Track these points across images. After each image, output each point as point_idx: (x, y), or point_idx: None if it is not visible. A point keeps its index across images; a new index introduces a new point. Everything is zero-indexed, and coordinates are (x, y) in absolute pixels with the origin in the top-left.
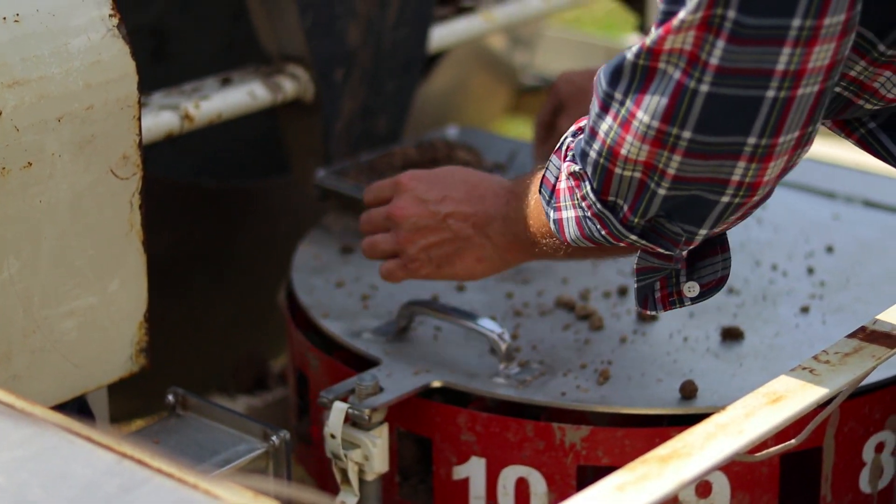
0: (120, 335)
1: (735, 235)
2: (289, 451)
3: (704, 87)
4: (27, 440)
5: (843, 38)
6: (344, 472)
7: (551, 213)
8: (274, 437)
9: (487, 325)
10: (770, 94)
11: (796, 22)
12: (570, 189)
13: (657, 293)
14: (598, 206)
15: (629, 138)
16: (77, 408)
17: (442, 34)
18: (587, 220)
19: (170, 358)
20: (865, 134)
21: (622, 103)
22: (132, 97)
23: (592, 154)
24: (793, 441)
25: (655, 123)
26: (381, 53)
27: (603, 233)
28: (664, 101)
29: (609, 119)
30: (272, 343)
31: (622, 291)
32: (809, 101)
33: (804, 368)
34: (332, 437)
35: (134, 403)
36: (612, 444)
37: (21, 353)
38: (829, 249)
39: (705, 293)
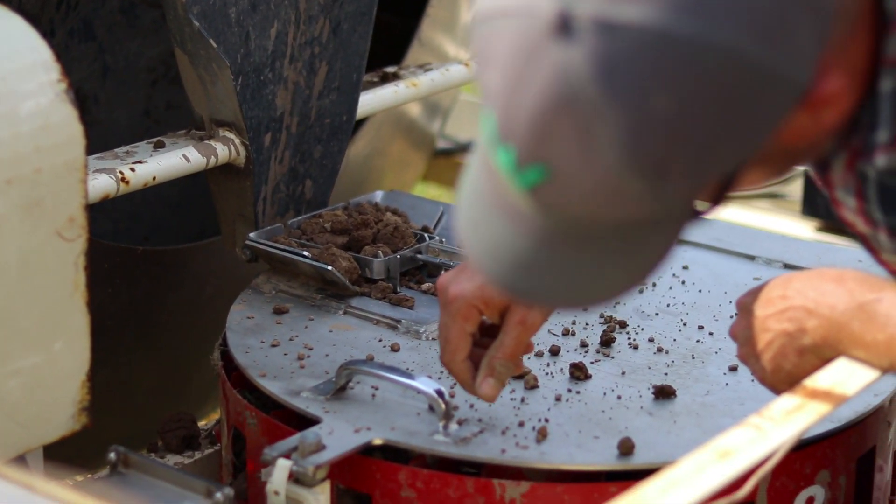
0: (63, 394)
1: (659, 298)
2: None
3: None
4: None
5: None
6: None
7: None
8: (218, 494)
9: (426, 384)
10: None
11: None
12: None
13: None
14: None
15: None
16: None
17: (368, 100)
18: None
19: (97, 418)
20: None
21: None
22: (79, 161)
23: None
24: (739, 493)
25: None
26: (309, 119)
27: None
28: None
29: None
30: (200, 403)
31: (554, 352)
32: None
33: (749, 425)
34: (276, 493)
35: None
36: (552, 500)
37: None
38: None
39: None
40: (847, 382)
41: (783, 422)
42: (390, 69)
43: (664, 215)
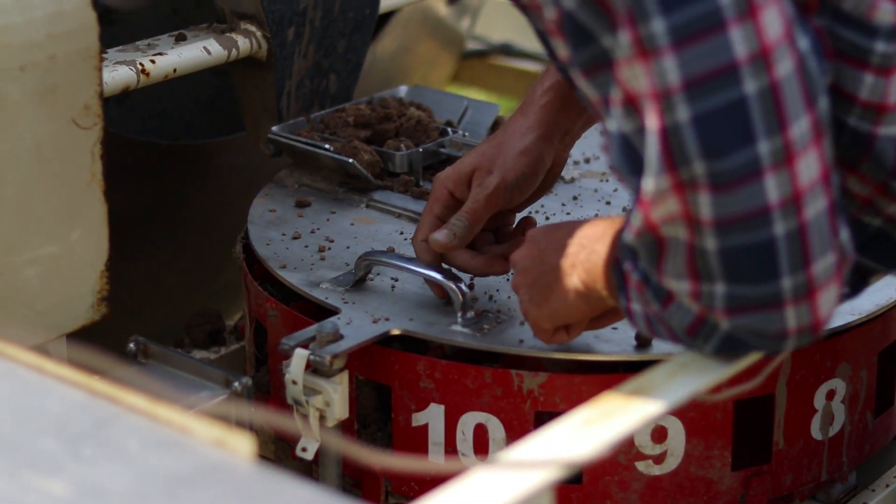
0: (81, 284)
1: None
2: (250, 396)
3: (711, 244)
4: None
5: (822, 140)
6: (305, 419)
7: (622, 300)
8: (236, 384)
9: (446, 274)
10: (779, 229)
11: (763, 146)
12: (638, 286)
13: None
14: (663, 314)
15: (672, 305)
16: None
17: None
18: (654, 323)
19: (123, 315)
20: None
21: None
22: (93, 48)
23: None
24: (751, 382)
25: (685, 287)
26: (332, 13)
27: (667, 336)
28: (682, 264)
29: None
30: (225, 299)
31: None
32: (824, 217)
33: None
34: (294, 383)
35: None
36: (570, 391)
37: None
38: None
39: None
40: None
41: None
42: None
43: None
